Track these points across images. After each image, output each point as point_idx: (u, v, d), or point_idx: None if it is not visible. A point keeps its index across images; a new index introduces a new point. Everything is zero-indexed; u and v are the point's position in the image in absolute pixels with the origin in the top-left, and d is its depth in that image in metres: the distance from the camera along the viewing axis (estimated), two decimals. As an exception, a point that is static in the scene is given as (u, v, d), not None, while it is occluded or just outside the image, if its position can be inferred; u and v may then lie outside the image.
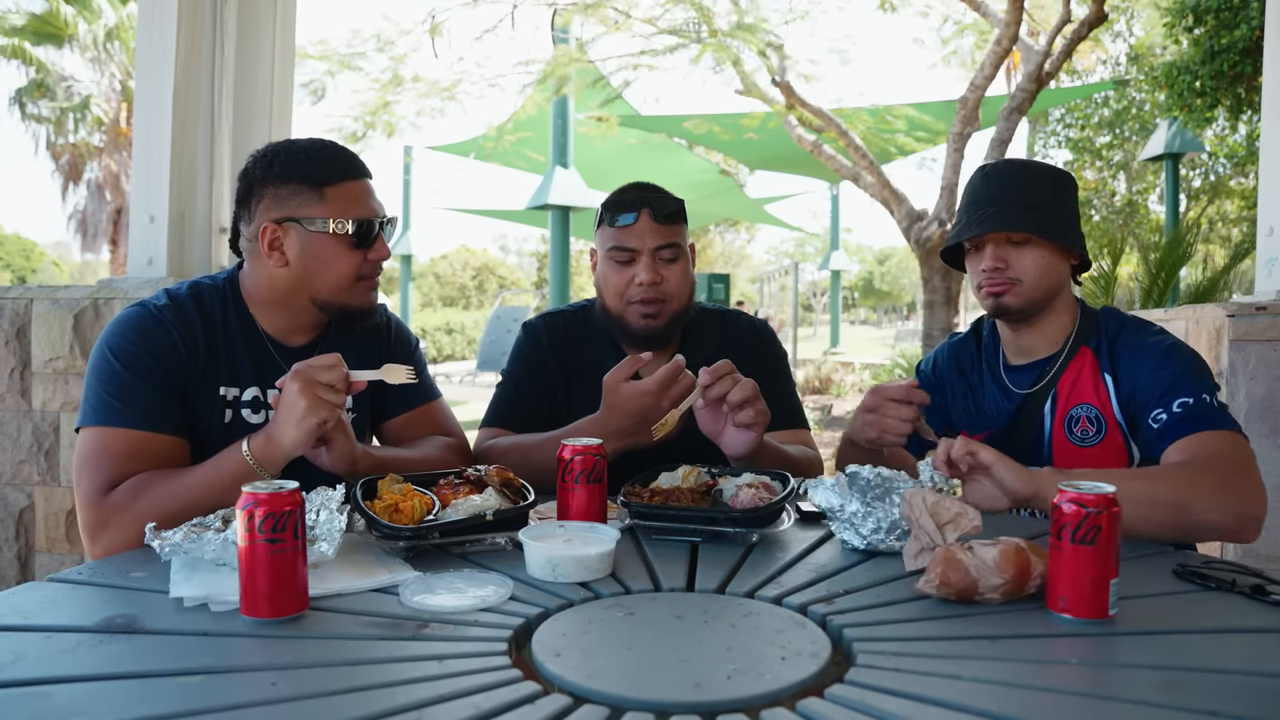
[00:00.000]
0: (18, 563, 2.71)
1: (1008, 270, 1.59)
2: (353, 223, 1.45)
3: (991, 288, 1.61)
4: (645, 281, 1.70)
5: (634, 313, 1.73)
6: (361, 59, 7.94)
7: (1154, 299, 6.09)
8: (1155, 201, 17.00)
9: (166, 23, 2.57)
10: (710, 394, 1.47)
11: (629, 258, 1.72)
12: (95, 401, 1.37)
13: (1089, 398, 1.60)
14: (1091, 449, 1.57)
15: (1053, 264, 1.60)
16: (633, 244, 1.71)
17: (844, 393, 11.86)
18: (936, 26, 11.26)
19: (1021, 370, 1.69)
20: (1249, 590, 1.06)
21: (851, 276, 51.03)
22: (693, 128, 10.34)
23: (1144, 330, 1.59)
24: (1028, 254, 1.59)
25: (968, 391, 1.77)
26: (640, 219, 1.71)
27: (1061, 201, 1.62)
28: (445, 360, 23.32)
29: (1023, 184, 1.62)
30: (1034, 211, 1.59)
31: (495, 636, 0.94)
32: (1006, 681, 0.85)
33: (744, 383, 1.48)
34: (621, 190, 1.77)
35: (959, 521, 1.14)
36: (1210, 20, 7.32)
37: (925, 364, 1.88)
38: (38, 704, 0.78)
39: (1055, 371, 1.63)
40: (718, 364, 1.48)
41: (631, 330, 1.74)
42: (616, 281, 1.73)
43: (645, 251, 1.71)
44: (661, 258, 1.72)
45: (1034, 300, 1.61)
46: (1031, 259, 1.59)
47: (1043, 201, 1.60)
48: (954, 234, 1.65)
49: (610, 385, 1.53)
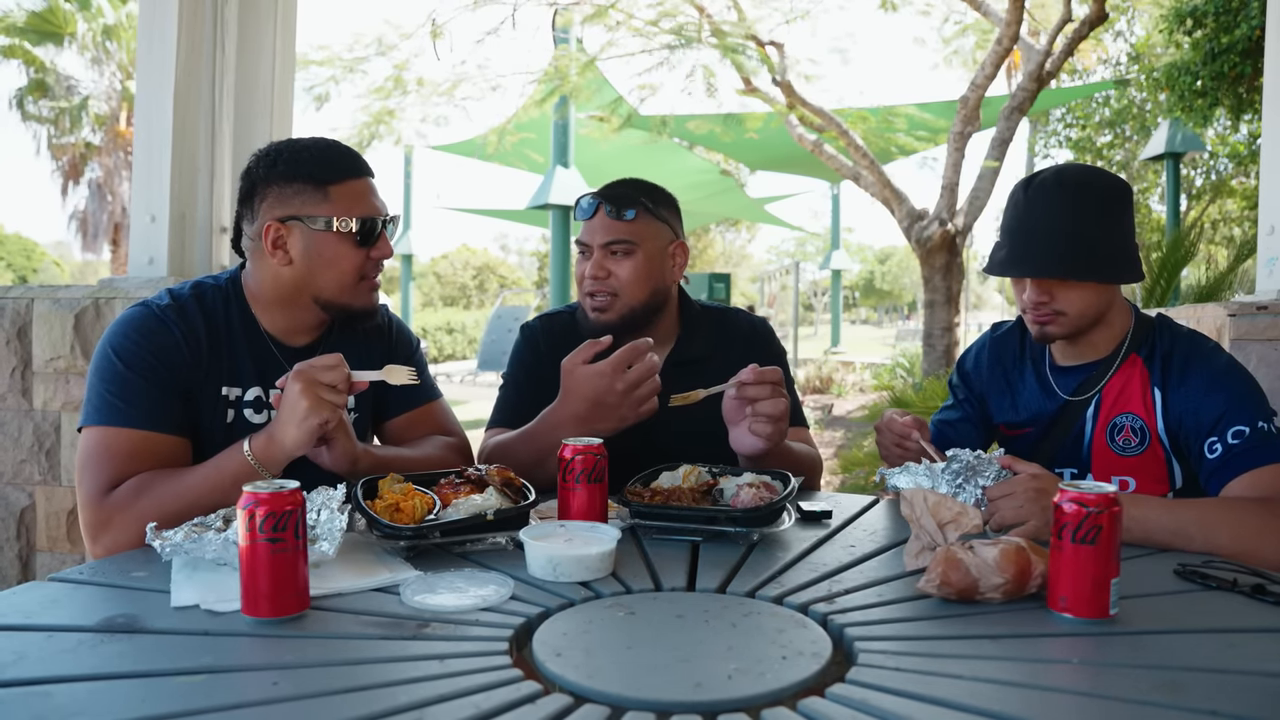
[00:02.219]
0: (19, 562, 2.71)
1: (1052, 303, 1.53)
2: (356, 221, 1.46)
3: (1037, 318, 1.56)
4: (589, 275, 1.75)
5: (587, 304, 1.78)
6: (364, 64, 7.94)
7: (1156, 299, 6.09)
8: (1156, 201, 16.98)
9: (167, 22, 2.57)
10: (746, 392, 1.48)
11: (586, 251, 1.77)
12: (98, 401, 1.37)
13: (1135, 408, 1.54)
14: (1132, 459, 1.54)
15: (1099, 294, 1.53)
16: (585, 238, 1.77)
17: (844, 392, 11.85)
18: (937, 26, 11.27)
19: (1068, 372, 1.63)
20: (1250, 590, 1.06)
21: (852, 276, 51.00)
22: (695, 128, 10.34)
23: (1198, 348, 1.53)
24: (1073, 289, 1.52)
25: (1006, 388, 1.73)
26: (596, 214, 1.76)
27: (1110, 228, 1.52)
28: (446, 360, 23.32)
29: (1066, 215, 1.51)
30: (1077, 250, 1.49)
31: (496, 636, 0.94)
32: (1007, 681, 0.85)
33: (780, 401, 1.48)
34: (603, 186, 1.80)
35: (960, 521, 1.14)
36: (1210, 22, 7.32)
37: (969, 360, 1.83)
38: (39, 703, 0.78)
39: (1104, 378, 1.58)
40: (768, 369, 1.49)
41: (587, 322, 1.78)
42: (577, 273, 1.80)
43: (595, 246, 1.75)
44: (611, 253, 1.74)
45: (1080, 328, 1.56)
46: (1077, 293, 1.52)
47: (1089, 234, 1.50)
48: (995, 260, 1.58)
49: (566, 368, 1.54)
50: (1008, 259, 1.55)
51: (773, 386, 1.48)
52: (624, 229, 1.74)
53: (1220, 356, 1.53)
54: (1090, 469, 1.58)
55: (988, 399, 1.77)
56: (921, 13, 10.03)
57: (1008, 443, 1.71)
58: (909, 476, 1.42)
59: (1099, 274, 1.51)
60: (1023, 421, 1.69)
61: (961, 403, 1.82)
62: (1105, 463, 1.57)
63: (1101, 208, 1.52)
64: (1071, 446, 1.60)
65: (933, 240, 7.89)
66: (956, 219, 7.89)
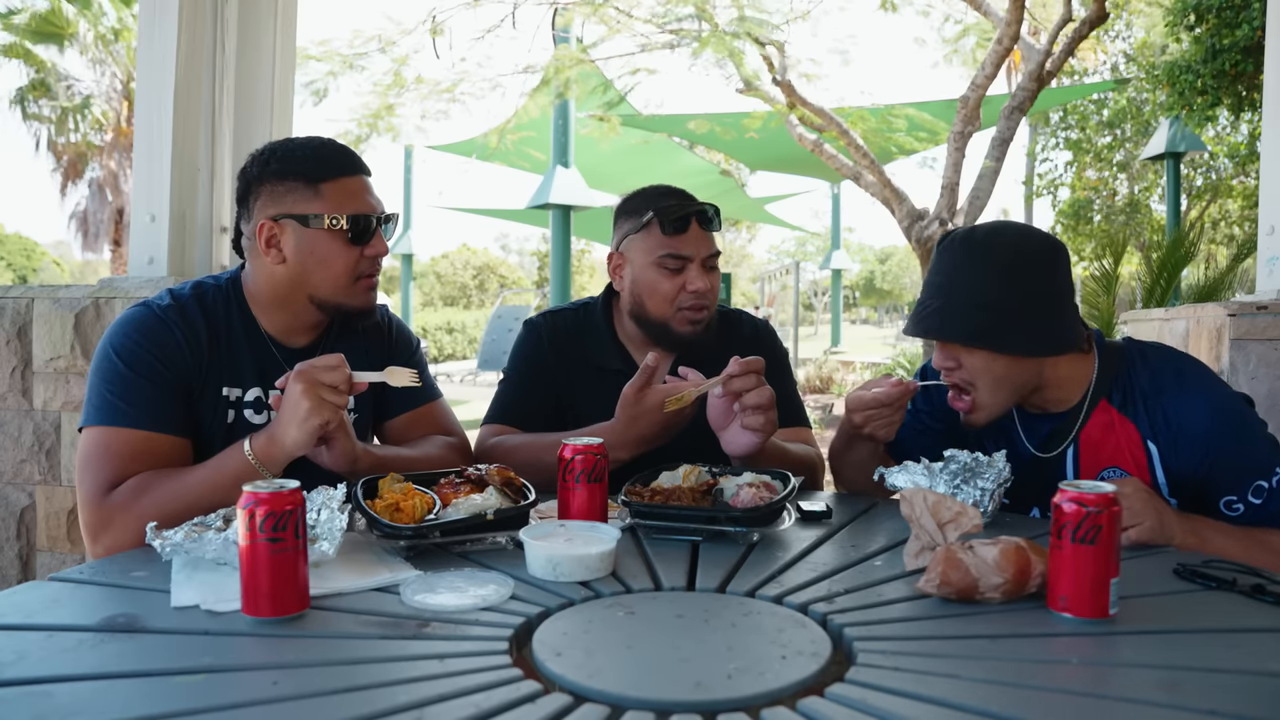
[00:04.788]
0: (19, 562, 2.71)
1: (959, 370, 1.44)
2: (348, 219, 1.45)
3: (952, 390, 1.47)
4: (699, 289, 1.72)
5: (682, 319, 1.74)
6: (364, 59, 7.94)
7: (1156, 299, 6.09)
8: (1157, 201, 16.99)
9: (167, 22, 2.57)
10: (732, 385, 1.47)
11: (680, 265, 1.72)
12: (98, 401, 1.37)
13: (1124, 463, 1.45)
14: None
15: (1011, 366, 1.41)
16: (687, 251, 1.72)
17: (845, 392, 11.85)
18: (937, 26, 11.25)
19: (1037, 420, 1.53)
20: (1249, 590, 1.06)
21: (853, 276, 50.96)
22: (695, 128, 10.33)
23: (1183, 387, 1.42)
24: (978, 356, 1.41)
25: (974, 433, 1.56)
26: (692, 227, 1.73)
27: (1019, 292, 1.39)
28: (446, 360, 23.33)
29: (971, 273, 1.41)
30: (976, 311, 1.39)
31: (496, 636, 0.94)
32: (1007, 681, 0.85)
33: (765, 389, 1.48)
34: (661, 196, 1.77)
35: (959, 521, 1.14)
36: (1211, 19, 7.32)
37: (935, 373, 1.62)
38: (40, 703, 0.78)
39: (1074, 431, 1.48)
40: (750, 359, 1.48)
41: (677, 335, 1.75)
42: (667, 288, 1.73)
43: (697, 260, 1.73)
44: (708, 265, 1.74)
45: (1000, 403, 1.45)
46: (982, 362, 1.41)
47: (989, 297, 1.39)
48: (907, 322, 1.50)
49: (631, 397, 1.53)
50: (909, 320, 1.49)
51: (756, 376, 1.48)
52: (716, 242, 1.77)
53: (1211, 396, 1.42)
54: None
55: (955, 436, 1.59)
56: (921, 13, 10.02)
57: None
58: (908, 476, 1.42)
59: (992, 341, 1.40)
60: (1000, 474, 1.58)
61: (920, 413, 1.69)
62: None
63: (1008, 267, 1.40)
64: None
65: (933, 240, 7.88)
66: (957, 219, 7.88)
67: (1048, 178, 17.41)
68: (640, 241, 1.75)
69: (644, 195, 1.79)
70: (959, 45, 11.66)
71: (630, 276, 1.77)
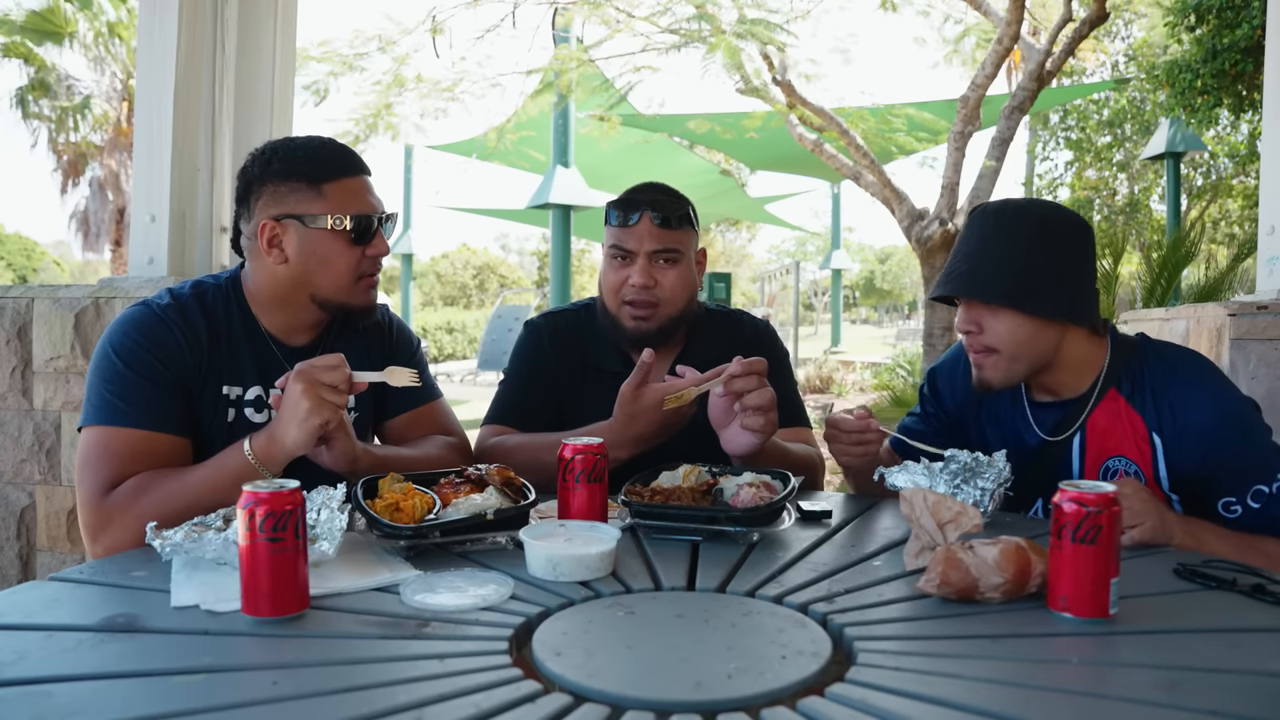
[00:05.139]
0: (19, 561, 2.71)
1: (981, 335, 1.46)
2: (350, 219, 1.46)
3: (972, 355, 1.49)
4: (638, 284, 1.71)
5: (626, 313, 1.74)
6: (364, 59, 7.94)
7: (1156, 299, 6.10)
8: (1157, 201, 16.99)
9: (167, 21, 2.57)
10: (733, 385, 1.47)
11: (625, 256, 1.73)
12: (98, 401, 1.37)
13: (1129, 451, 1.46)
14: None
15: (1034, 332, 1.43)
16: (631, 245, 1.72)
17: (845, 392, 11.85)
18: (938, 26, 11.26)
19: (1045, 409, 1.55)
20: (1249, 589, 1.06)
21: (853, 275, 50.97)
22: (695, 127, 10.33)
23: (1194, 382, 1.44)
24: (1002, 320, 1.44)
25: (982, 414, 1.64)
26: (641, 221, 1.72)
27: (1049, 260, 1.44)
28: (446, 359, 23.33)
29: (1003, 239, 1.45)
30: (1006, 275, 1.42)
31: (496, 635, 0.94)
32: (1007, 680, 0.85)
33: (766, 390, 1.48)
34: (631, 190, 1.78)
35: (960, 521, 1.14)
36: (1212, 19, 7.32)
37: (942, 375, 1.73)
38: (40, 703, 0.78)
39: (1082, 417, 1.50)
40: (752, 360, 1.48)
41: (624, 330, 1.75)
42: (613, 280, 1.75)
43: (642, 254, 1.72)
44: (658, 261, 1.73)
45: (1016, 371, 1.47)
46: (1006, 326, 1.43)
47: (1020, 262, 1.43)
48: (933, 284, 1.53)
49: (629, 395, 1.53)
50: (938, 281, 1.51)
51: (758, 377, 1.48)
52: (671, 238, 1.73)
53: (1220, 395, 1.43)
54: None
55: (963, 422, 1.69)
56: (922, 13, 10.02)
57: None
58: (908, 476, 1.42)
59: (1021, 302, 1.42)
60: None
61: (930, 416, 1.75)
62: None
63: (1041, 236, 1.44)
64: None
65: (933, 240, 7.88)
66: (957, 219, 7.88)
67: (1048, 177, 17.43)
68: (605, 234, 1.78)
69: (627, 190, 1.79)
70: (959, 45, 11.67)
71: (600, 269, 1.81)
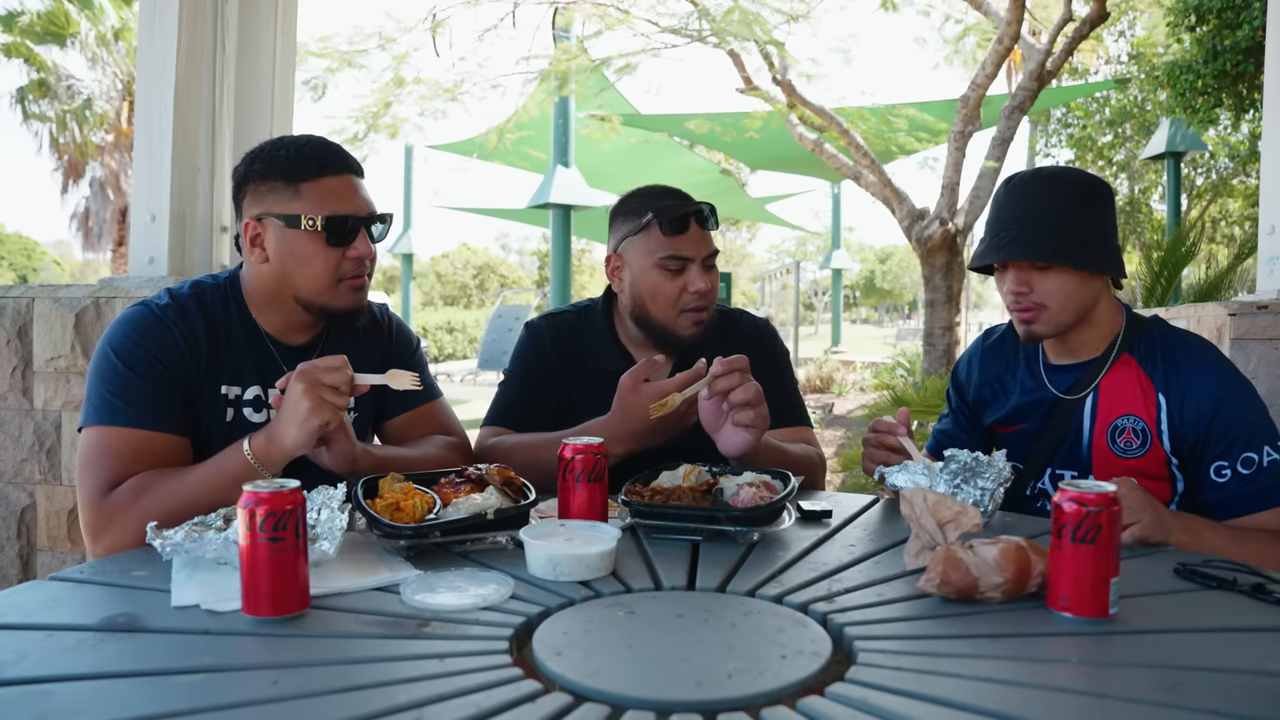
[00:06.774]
0: (20, 561, 2.71)
1: (1031, 294, 1.55)
2: (323, 219, 1.44)
3: (1020, 313, 1.58)
4: (701, 289, 1.71)
5: (686, 321, 1.73)
6: (363, 56, 7.93)
7: (1156, 298, 6.09)
8: (1157, 200, 16.99)
9: (167, 21, 2.57)
10: (716, 385, 1.47)
11: (681, 266, 1.71)
12: (98, 401, 1.37)
13: (1136, 409, 1.55)
14: (1134, 460, 1.55)
15: (1079, 285, 1.55)
16: (689, 252, 1.71)
17: (845, 391, 11.84)
18: (938, 26, 11.24)
19: (1061, 370, 1.65)
20: (1249, 589, 1.06)
21: (853, 275, 50.95)
22: (695, 127, 10.33)
23: (1201, 357, 1.54)
24: (1052, 278, 1.54)
25: (999, 390, 1.75)
26: (693, 227, 1.72)
27: (1088, 218, 1.55)
28: (446, 359, 23.34)
29: (1045, 203, 1.55)
30: (1055, 235, 1.53)
31: (496, 635, 0.94)
32: (1007, 680, 0.84)
33: (750, 385, 1.47)
34: (658, 196, 1.76)
35: (959, 520, 1.14)
36: (1212, 20, 7.32)
37: (962, 370, 1.86)
38: (40, 702, 0.78)
39: (1097, 376, 1.60)
40: (733, 357, 1.48)
41: (679, 338, 1.74)
42: (669, 290, 1.71)
43: (697, 260, 1.72)
44: (707, 265, 1.74)
45: (1064, 323, 1.57)
46: (1055, 283, 1.54)
47: (1065, 222, 1.54)
48: (977, 254, 1.61)
49: (627, 387, 1.54)
50: (984, 249, 1.59)
51: (740, 373, 1.47)
52: (713, 240, 1.76)
53: (1224, 367, 1.53)
54: (1091, 470, 1.58)
55: (981, 407, 1.79)
56: (922, 13, 10.01)
57: (1002, 442, 1.71)
58: (908, 476, 1.42)
59: (1073, 259, 1.53)
60: (1014, 415, 1.70)
61: (955, 411, 1.86)
62: (1106, 464, 1.56)
63: (1077, 198, 1.55)
64: (1071, 447, 1.61)
65: (933, 240, 7.88)
66: (957, 218, 7.88)
67: (1048, 177, 17.36)
68: (640, 243, 1.74)
69: (641, 196, 1.78)
70: (959, 45, 11.66)
71: (630, 279, 1.75)
